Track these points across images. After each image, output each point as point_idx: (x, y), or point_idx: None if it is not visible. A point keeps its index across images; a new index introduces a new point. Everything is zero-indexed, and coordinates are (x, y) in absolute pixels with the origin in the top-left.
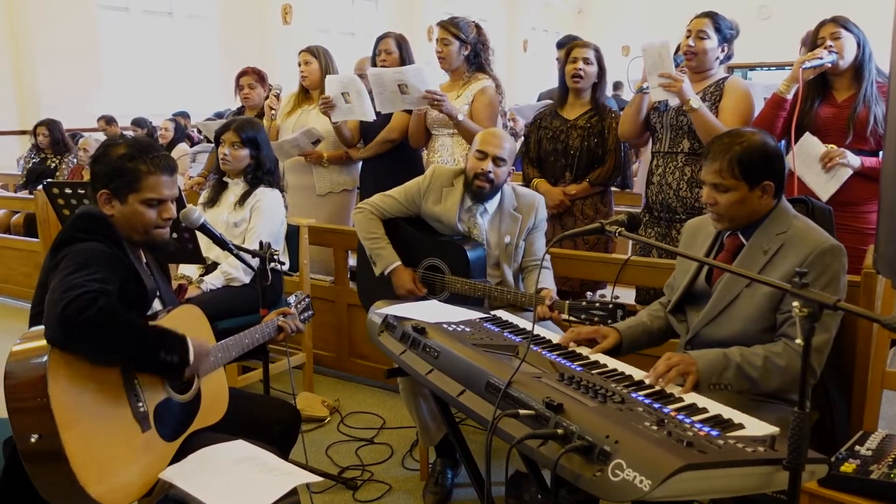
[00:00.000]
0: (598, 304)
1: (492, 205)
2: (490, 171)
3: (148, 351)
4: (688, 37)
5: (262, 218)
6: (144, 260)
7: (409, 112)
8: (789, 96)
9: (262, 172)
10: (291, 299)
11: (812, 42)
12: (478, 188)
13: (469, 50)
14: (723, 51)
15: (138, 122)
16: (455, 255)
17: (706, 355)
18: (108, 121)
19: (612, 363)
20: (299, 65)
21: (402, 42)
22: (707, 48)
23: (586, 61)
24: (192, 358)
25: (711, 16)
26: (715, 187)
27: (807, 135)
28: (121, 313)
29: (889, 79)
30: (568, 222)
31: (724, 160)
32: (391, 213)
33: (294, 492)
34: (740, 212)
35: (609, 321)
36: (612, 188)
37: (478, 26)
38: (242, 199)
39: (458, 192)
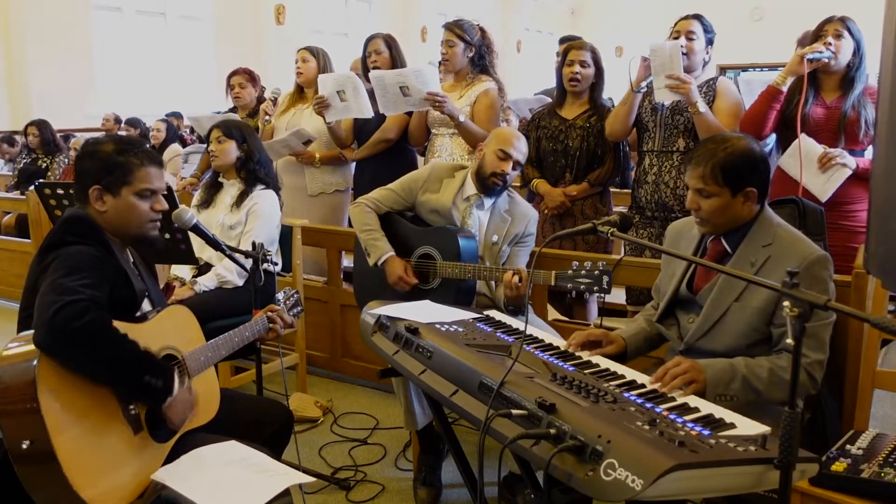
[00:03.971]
0: (583, 273)
1: (488, 201)
2: (508, 174)
3: (133, 371)
4: (676, 38)
5: (259, 222)
6: (132, 260)
7: (407, 112)
8: (784, 88)
9: (253, 164)
10: (280, 295)
11: (814, 35)
12: (492, 184)
13: (473, 52)
14: (707, 53)
15: (132, 123)
16: (446, 240)
17: (714, 365)
18: (117, 120)
19: (604, 363)
20: (296, 62)
21: (390, 42)
22: (696, 49)
23: (583, 64)
24: (175, 387)
25: (698, 17)
26: (698, 192)
27: (803, 136)
28: (112, 328)
29: (879, 82)
30: (568, 223)
31: (707, 166)
32: (387, 205)
33: (287, 492)
34: (723, 217)
35: (595, 288)
36: (611, 188)
37: (482, 29)
38: (239, 201)
39: (457, 182)
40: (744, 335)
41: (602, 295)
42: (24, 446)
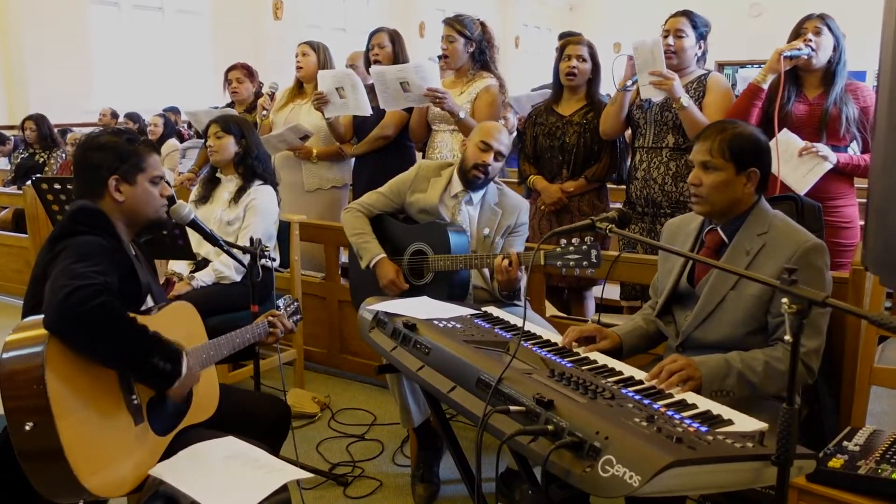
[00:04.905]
0: (571, 249)
1: (477, 196)
2: (490, 164)
3: (142, 353)
4: (665, 36)
5: (257, 217)
6: (135, 254)
7: (407, 108)
8: (765, 86)
9: (251, 159)
10: (281, 302)
11: (794, 33)
12: (473, 177)
13: (474, 47)
14: (700, 48)
15: (131, 117)
16: (437, 235)
17: (708, 361)
18: (114, 114)
19: (602, 359)
20: (296, 56)
21: (395, 37)
22: (686, 46)
23: (580, 58)
24: (184, 370)
25: (687, 14)
26: (703, 166)
27: (784, 131)
28: (122, 312)
29: (878, 79)
30: (565, 219)
31: (715, 140)
32: (378, 208)
33: (284, 488)
34: (723, 196)
35: (584, 262)
36: (608, 184)
37: (483, 24)
38: (237, 197)
39: (443, 180)
40: (741, 323)
41: (592, 270)
42: (27, 428)
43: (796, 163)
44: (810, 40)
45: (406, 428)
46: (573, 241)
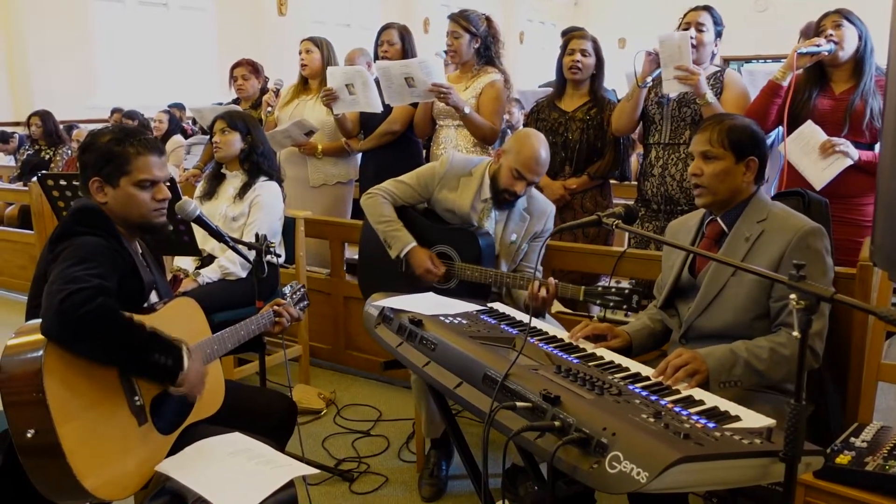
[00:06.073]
0: (613, 290)
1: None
2: (520, 193)
3: (141, 351)
4: (686, 29)
5: (262, 213)
6: (140, 252)
7: (412, 104)
8: (785, 83)
9: (256, 155)
10: (286, 289)
11: (814, 31)
12: (503, 200)
13: (479, 43)
14: (715, 45)
15: (130, 115)
16: (466, 243)
17: (714, 353)
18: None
19: (608, 355)
20: (300, 53)
21: (404, 33)
22: (706, 41)
23: (584, 53)
24: (185, 364)
25: (708, 9)
26: (703, 156)
27: (808, 122)
28: (119, 312)
29: (887, 73)
30: (568, 216)
31: (713, 131)
32: (402, 198)
33: (290, 484)
34: (724, 184)
35: (624, 307)
36: (611, 181)
37: (488, 19)
38: (242, 193)
39: (475, 182)
40: (743, 309)
41: (629, 313)
42: (29, 435)
43: (816, 156)
44: (831, 35)
45: (430, 438)
46: (616, 282)
